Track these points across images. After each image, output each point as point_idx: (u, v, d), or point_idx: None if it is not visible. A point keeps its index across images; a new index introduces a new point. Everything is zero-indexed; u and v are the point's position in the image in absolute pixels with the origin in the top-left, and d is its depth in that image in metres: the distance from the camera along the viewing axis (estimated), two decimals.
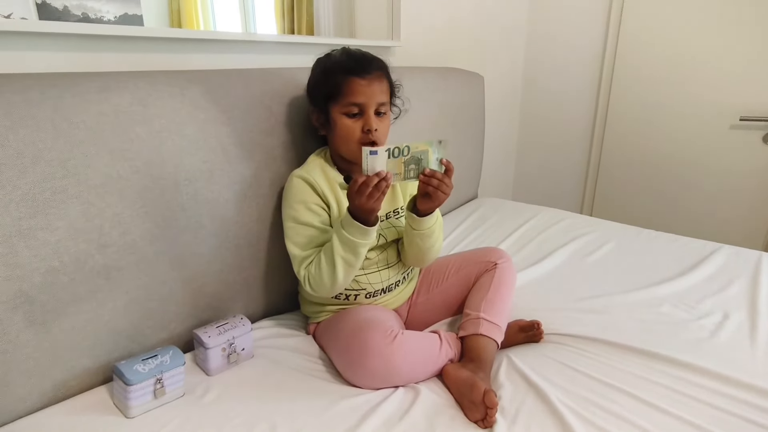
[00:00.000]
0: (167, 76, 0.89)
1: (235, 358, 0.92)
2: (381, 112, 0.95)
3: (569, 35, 2.19)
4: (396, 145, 0.81)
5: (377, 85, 0.93)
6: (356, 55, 0.96)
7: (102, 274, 0.79)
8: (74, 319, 0.77)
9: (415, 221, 0.93)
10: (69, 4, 0.90)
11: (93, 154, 0.76)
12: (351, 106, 0.92)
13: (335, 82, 0.92)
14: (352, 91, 0.91)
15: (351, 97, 0.91)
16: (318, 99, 0.97)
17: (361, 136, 0.93)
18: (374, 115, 0.93)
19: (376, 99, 0.93)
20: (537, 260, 1.36)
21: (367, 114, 0.92)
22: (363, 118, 0.93)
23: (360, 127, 0.92)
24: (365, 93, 0.91)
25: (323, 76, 0.96)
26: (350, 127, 0.93)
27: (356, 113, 0.93)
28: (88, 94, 0.76)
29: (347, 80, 0.91)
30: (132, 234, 0.82)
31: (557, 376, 0.88)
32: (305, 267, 0.92)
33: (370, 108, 0.92)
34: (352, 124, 0.93)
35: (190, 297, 0.94)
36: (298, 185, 0.95)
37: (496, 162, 2.36)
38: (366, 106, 0.92)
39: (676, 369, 0.89)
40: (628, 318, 1.07)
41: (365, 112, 0.92)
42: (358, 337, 0.87)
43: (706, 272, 1.27)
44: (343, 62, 0.94)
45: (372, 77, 0.92)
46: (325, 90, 0.94)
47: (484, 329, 0.95)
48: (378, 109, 0.94)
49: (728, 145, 1.92)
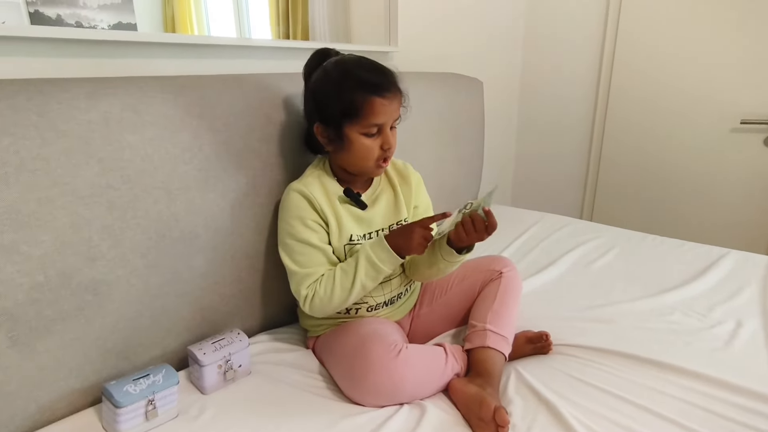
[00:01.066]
0: (160, 81, 0.86)
1: (231, 375, 0.87)
2: (394, 126, 0.92)
3: (567, 38, 2.18)
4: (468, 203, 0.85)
5: (396, 102, 0.89)
6: (374, 69, 0.88)
7: (90, 289, 0.75)
8: (61, 337, 0.73)
9: (452, 255, 0.90)
10: (62, 13, 0.88)
11: (81, 163, 0.72)
12: (371, 126, 0.87)
13: (354, 99, 0.85)
14: (374, 112, 0.85)
15: (372, 117, 0.85)
16: (328, 114, 0.88)
17: (379, 154, 0.90)
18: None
19: (393, 116, 0.90)
20: (541, 268, 1.33)
21: (385, 132, 0.89)
22: (381, 136, 0.89)
23: (378, 145, 0.89)
24: (386, 112, 0.87)
25: (338, 91, 0.86)
26: (370, 147, 0.89)
27: (374, 132, 0.89)
28: (76, 100, 0.73)
29: (369, 100, 0.84)
30: (122, 246, 0.78)
31: (569, 390, 0.85)
32: (308, 286, 0.89)
33: (388, 125, 0.89)
34: (371, 144, 0.88)
35: (184, 311, 0.90)
36: (295, 200, 0.91)
37: (495, 167, 2.33)
38: (385, 125, 0.88)
39: (691, 381, 0.86)
40: (638, 327, 1.04)
41: (384, 131, 0.89)
42: (360, 351, 0.83)
43: (714, 278, 1.24)
44: (362, 78, 0.85)
45: (392, 94, 0.87)
46: (339, 107, 0.86)
47: (491, 341, 0.91)
48: (392, 124, 0.91)
49: (729, 149, 1.90)
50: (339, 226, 0.92)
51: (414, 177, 1.05)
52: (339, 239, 0.92)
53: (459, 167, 1.70)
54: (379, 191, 1.00)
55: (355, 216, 0.94)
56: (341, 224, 0.92)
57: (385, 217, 0.98)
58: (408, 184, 1.03)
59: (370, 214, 0.96)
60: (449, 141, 1.62)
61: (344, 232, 0.92)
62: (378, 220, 0.97)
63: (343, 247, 0.92)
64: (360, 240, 0.94)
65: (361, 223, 0.95)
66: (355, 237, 0.93)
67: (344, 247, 0.92)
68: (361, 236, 0.94)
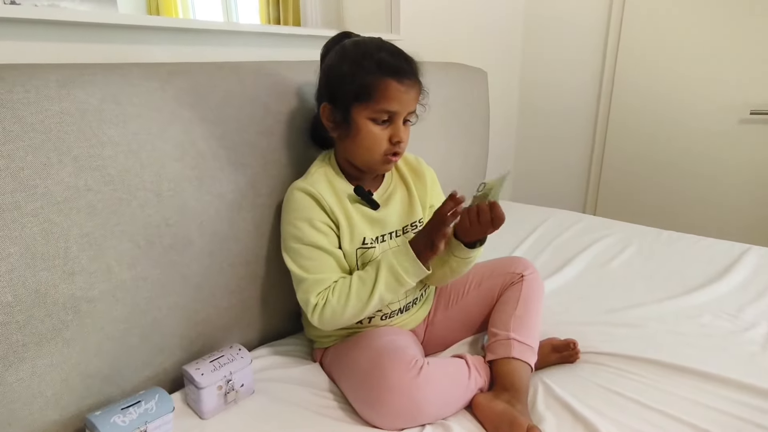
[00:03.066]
0: (144, 68, 0.76)
1: (233, 397, 0.79)
2: (408, 120, 0.83)
3: (569, 25, 2.10)
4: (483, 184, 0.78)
5: (414, 92, 0.80)
6: (396, 53, 0.81)
7: (69, 308, 0.65)
8: (34, 364, 0.63)
9: (462, 251, 0.83)
10: (39, 3, 0.77)
11: (54, 162, 0.62)
12: (382, 112, 0.79)
13: (368, 80, 0.78)
14: (388, 97, 0.78)
15: (385, 102, 0.78)
16: (339, 94, 0.81)
17: (387, 147, 0.81)
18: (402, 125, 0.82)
19: (409, 108, 0.81)
20: (557, 268, 1.26)
21: (396, 124, 0.80)
22: (391, 126, 0.80)
23: (387, 136, 0.80)
24: (401, 100, 0.78)
25: (354, 69, 0.79)
26: (378, 136, 0.80)
27: (385, 120, 0.80)
28: (46, 89, 0.62)
29: (384, 82, 0.77)
30: (105, 257, 0.68)
31: (603, 404, 0.78)
32: (318, 294, 0.79)
33: (401, 117, 0.80)
34: (379, 133, 0.80)
35: (178, 326, 0.80)
36: (300, 200, 0.82)
37: (495, 159, 2.26)
38: (398, 114, 0.80)
39: (734, 391, 0.80)
40: (668, 331, 0.97)
41: (395, 121, 0.80)
42: (377, 369, 0.74)
43: (739, 276, 1.18)
44: (381, 59, 0.78)
45: (411, 82, 0.79)
46: (352, 87, 0.79)
47: (516, 352, 0.84)
48: (407, 117, 0.82)
49: (738, 140, 1.85)
50: (350, 227, 0.83)
51: (429, 173, 0.97)
52: (351, 242, 0.83)
53: (465, 162, 1.62)
54: (391, 189, 0.91)
55: (367, 217, 0.85)
56: (353, 226, 0.83)
57: (400, 217, 0.90)
58: (422, 180, 0.95)
59: (383, 214, 0.87)
60: (455, 134, 1.54)
61: (356, 235, 0.83)
62: (392, 220, 0.88)
63: (355, 251, 0.84)
64: (373, 243, 0.85)
65: (375, 225, 0.86)
66: (369, 240, 0.84)
67: (356, 252, 0.84)
68: (374, 239, 0.86)
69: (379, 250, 0.86)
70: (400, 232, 0.90)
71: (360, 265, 0.84)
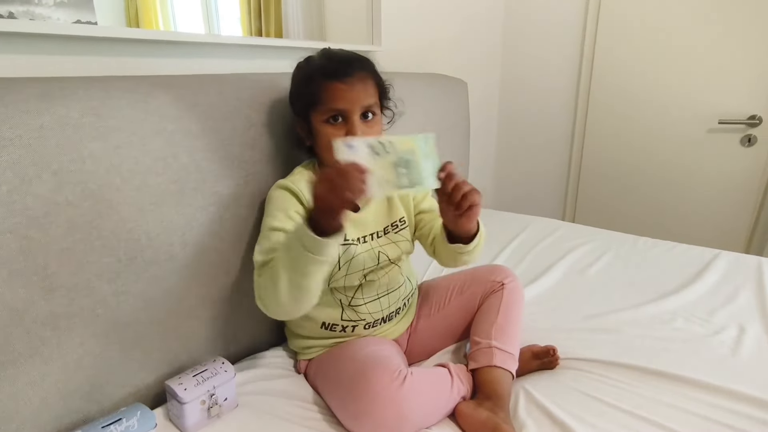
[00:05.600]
0: (126, 81, 0.76)
1: (216, 411, 0.78)
2: (370, 113, 0.84)
3: (546, 35, 2.16)
4: (377, 138, 0.65)
5: (360, 87, 0.82)
6: (336, 56, 0.86)
7: (48, 325, 0.64)
8: (11, 383, 0.62)
9: (460, 247, 0.81)
10: (15, 10, 0.77)
11: (32, 177, 0.61)
12: (331, 112, 0.82)
13: (313, 87, 0.83)
14: (332, 97, 0.81)
15: (331, 103, 0.81)
16: (299, 107, 0.87)
17: None
18: (361, 120, 0.83)
19: (360, 103, 0.82)
20: (536, 276, 1.29)
21: (350, 120, 0.82)
22: (347, 124, 0.82)
23: (343, 133, 0.82)
24: (346, 98, 0.81)
25: (302, 83, 0.87)
26: (332, 135, 0.82)
27: (337, 118, 0.82)
28: (25, 102, 0.61)
29: (325, 85, 0.81)
30: (86, 272, 0.67)
31: (583, 410, 0.80)
32: (260, 274, 0.77)
33: (353, 113, 0.82)
34: (334, 132, 0.82)
35: (160, 340, 0.79)
36: (280, 195, 0.84)
37: (475, 169, 2.29)
38: (349, 111, 0.81)
39: (706, 393, 0.83)
40: (643, 336, 1.01)
41: (349, 118, 0.82)
42: (361, 380, 0.75)
43: (710, 281, 1.22)
44: (321, 66, 0.84)
45: (354, 79, 0.82)
46: (305, 97, 0.85)
47: (498, 360, 0.85)
48: (365, 111, 0.83)
49: (707, 149, 1.92)
50: None
51: None
52: None
53: None
54: None
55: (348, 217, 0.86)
56: None
57: (378, 218, 0.91)
58: None
59: (361, 215, 0.88)
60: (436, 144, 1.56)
61: None
62: (371, 222, 0.90)
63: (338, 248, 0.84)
64: (355, 242, 0.86)
65: (356, 225, 0.87)
66: (350, 238, 0.86)
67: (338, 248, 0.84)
68: (356, 239, 0.87)
69: (362, 249, 0.86)
70: (381, 233, 0.90)
71: (342, 263, 0.85)
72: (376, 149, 0.64)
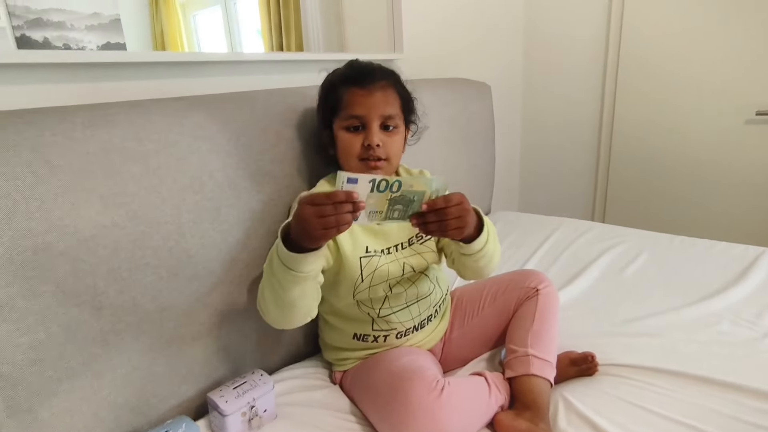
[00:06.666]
0: (162, 104, 0.79)
1: (257, 423, 0.79)
2: (390, 125, 0.84)
3: (569, 33, 2.12)
4: (384, 177, 0.62)
5: (380, 95, 0.83)
6: (359, 65, 0.88)
7: (98, 342, 0.67)
8: (66, 398, 0.65)
9: (463, 248, 0.79)
10: (49, 35, 0.81)
11: (81, 201, 0.64)
12: (351, 119, 0.83)
13: (335, 95, 0.86)
14: (352, 103, 0.83)
15: (350, 109, 0.83)
16: (323, 116, 0.90)
17: (360, 151, 0.83)
18: (380, 130, 0.83)
19: (379, 111, 0.83)
20: (570, 278, 1.26)
21: (369, 128, 0.83)
22: (365, 132, 0.83)
23: (360, 141, 0.83)
24: (365, 104, 0.82)
25: (326, 91, 0.90)
26: (349, 141, 0.84)
27: (358, 127, 0.83)
28: (72, 131, 0.65)
29: (346, 91, 0.84)
30: (131, 291, 0.70)
31: (627, 419, 0.77)
32: None
33: (372, 121, 0.82)
34: (351, 138, 0.84)
35: (202, 354, 0.82)
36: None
37: (500, 171, 2.27)
38: (367, 118, 0.82)
39: (757, 400, 0.79)
40: (688, 341, 0.97)
41: (367, 125, 0.83)
42: (398, 391, 0.75)
43: (755, 281, 1.17)
44: (343, 73, 0.87)
45: (374, 87, 0.83)
46: (327, 105, 0.88)
47: (536, 369, 0.84)
48: (385, 122, 0.84)
49: (744, 141, 1.84)
50: (351, 233, 0.84)
51: None
52: (353, 249, 0.83)
53: (472, 175, 1.63)
54: None
55: (369, 229, 0.87)
56: (354, 233, 0.84)
57: (402, 229, 0.90)
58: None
59: (385, 227, 0.89)
60: (461, 148, 1.55)
61: (358, 243, 0.84)
62: (394, 233, 0.89)
63: (359, 260, 0.84)
64: (378, 254, 0.86)
65: (378, 237, 0.87)
66: (372, 249, 0.85)
67: (360, 260, 0.84)
68: (379, 251, 0.86)
69: (385, 260, 0.86)
70: (405, 244, 0.90)
71: (366, 275, 0.84)
72: (380, 186, 0.62)
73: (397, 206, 0.66)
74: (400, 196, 0.64)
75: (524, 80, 2.30)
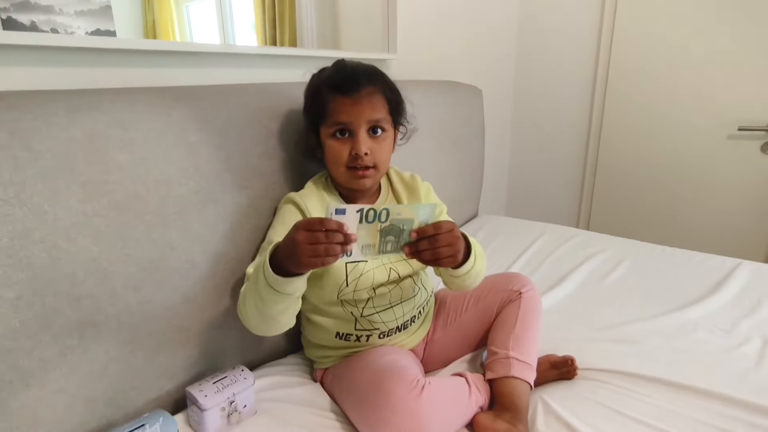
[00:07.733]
0: (150, 93, 0.77)
1: (236, 418, 0.79)
2: (379, 128, 0.84)
3: (561, 43, 2.15)
4: (371, 207, 0.63)
5: (366, 102, 0.82)
6: (346, 69, 0.85)
7: (75, 333, 0.66)
8: (39, 390, 0.64)
9: (450, 271, 0.79)
10: (37, 19, 0.79)
11: (62, 189, 0.63)
12: (336, 125, 0.82)
13: (321, 101, 0.84)
14: (337, 111, 0.81)
15: (336, 116, 0.81)
16: (310, 120, 0.88)
17: (348, 159, 0.82)
18: (368, 135, 0.83)
19: (365, 117, 0.82)
20: (553, 284, 1.28)
21: (356, 136, 0.81)
22: (352, 139, 0.82)
23: (348, 149, 0.82)
24: (351, 112, 0.81)
25: (312, 96, 0.87)
26: (337, 150, 0.82)
27: (344, 132, 0.82)
28: (54, 116, 0.63)
29: (332, 99, 0.82)
30: (112, 281, 0.69)
31: (605, 423, 0.79)
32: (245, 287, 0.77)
33: (359, 128, 0.81)
34: (339, 146, 0.82)
35: (182, 348, 0.81)
36: (286, 210, 0.85)
37: (489, 175, 2.29)
38: (354, 125, 0.81)
39: (728, 407, 0.81)
40: (664, 347, 0.99)
41: (354, 133, 0.81)
42: (379, 390, 0.75)
43: (732, 291, 1.20)
44: (329, 78, 0.84)
45: (360, 94, 0.81)
46: (313, 110, 0.86)
47: (516, 371, 0.85)
48: (373, 126, 0.83)
49: (726, 156, 1.89)
50: None
51: (422, 188, 0.98)
52: None
53: (461, 178, 1.64)
54: None
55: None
56: None
57: None
58: (416, 196, 0.96)
59: None
60: (451, 151, 1.56)
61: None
62: None
63: (345, 265, 0.84)
64: (364, 260, 0.86)
65: None
66: None
67: (346, 266, 0.84)
68: None
69: (371, 266, 0.86)
70: None
71: (350, 280, 0.84)
72: (368, 217, 0.63)
73: (389, 237, 0.66)
74: (390, 227, 0.64)
75: (515, 86, 2.32)
